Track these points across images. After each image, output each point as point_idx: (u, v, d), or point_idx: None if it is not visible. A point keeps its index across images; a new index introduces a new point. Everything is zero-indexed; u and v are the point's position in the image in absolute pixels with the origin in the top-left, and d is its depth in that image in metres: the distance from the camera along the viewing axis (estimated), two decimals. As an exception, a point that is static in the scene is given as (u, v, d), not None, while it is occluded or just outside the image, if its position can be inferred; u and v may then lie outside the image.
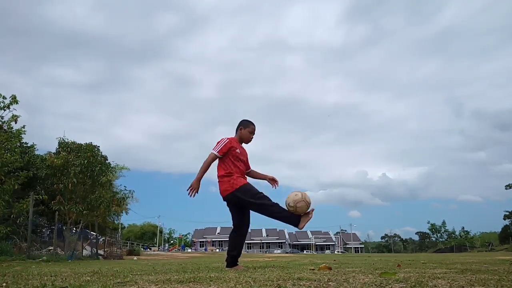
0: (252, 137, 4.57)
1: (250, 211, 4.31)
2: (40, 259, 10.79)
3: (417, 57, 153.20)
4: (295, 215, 3.98)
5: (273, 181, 4.58)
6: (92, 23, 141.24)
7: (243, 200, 4.10)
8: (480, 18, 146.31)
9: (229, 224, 4.51)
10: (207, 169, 4.24)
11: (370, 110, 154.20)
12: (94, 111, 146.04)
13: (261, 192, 4.09)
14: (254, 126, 4.55)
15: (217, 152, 4.26)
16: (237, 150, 4.35)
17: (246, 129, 4.50)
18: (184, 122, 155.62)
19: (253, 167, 4.64)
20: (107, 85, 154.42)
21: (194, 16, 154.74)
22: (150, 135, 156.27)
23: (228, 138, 4.38)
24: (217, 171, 4.34)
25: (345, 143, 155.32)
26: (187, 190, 4.10)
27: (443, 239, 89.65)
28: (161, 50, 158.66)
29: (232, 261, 4.39)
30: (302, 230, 3.39)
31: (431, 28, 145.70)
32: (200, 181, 4.12)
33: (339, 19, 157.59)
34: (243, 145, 4.60)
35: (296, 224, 4.04)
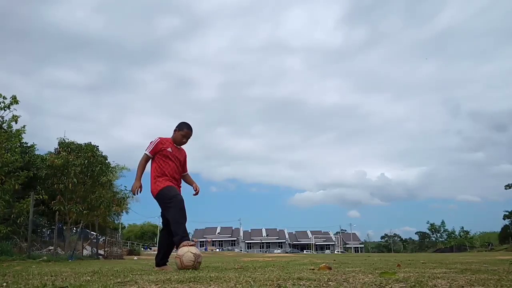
0: (185, 141, 4.54)
1: None
2: (41, 259, 10.79)
3: (416, 58, 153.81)
4: (179, 238, 3.98)
5: (195, 190, 4.60)
6: (93, 25, 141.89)
7: (159, 204, 4.24)
8: (477, 20, 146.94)
9: (229, 224, 4.58)
10: (143, 169, 4.37)
11: (369, 111, 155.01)
12: (95, 112, 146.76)
13: (173, 198, 4.10)
14: (189, 131, 4.51)
15: (149, 152, 4.35)
16: (168, 149, 4.39)
17: (179, 132, 4.48)
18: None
19: (254, 167, 4.64)
20: (108, 86, 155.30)
21: (195, 18, 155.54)
22: (151, 136, 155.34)
23: (159, 138, 4.43)
24: (150, 171, 4.39)
25: (344, 143, 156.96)
26: (130, 191, 4.48)
27: (443, 239, 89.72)
28: (162, 52, 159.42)
29: (160, 260, 4.46)
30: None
31: (429, 31, 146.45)
32: (140, 180, 4.29)
33: (338, 21, 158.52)
34: (185, 146, 4.64)
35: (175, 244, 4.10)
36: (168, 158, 4.36)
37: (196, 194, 4.58)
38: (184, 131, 4.46)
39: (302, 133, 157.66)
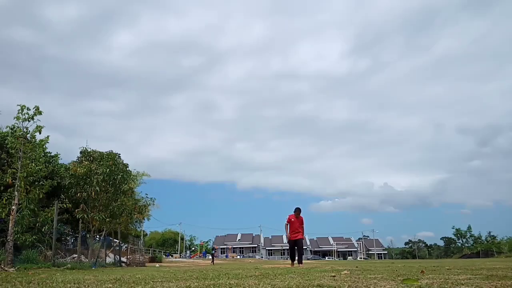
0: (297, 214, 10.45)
1: None
2: (65, 267, 10.99)
3: (415, 83, 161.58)
4: None
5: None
6: (127, 65, 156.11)
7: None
8: (471, 48, 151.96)
9: (250, 230, 4.58)
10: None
11: (379, 125, 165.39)
12: (125, 134, 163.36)
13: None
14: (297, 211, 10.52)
15: (286, 222, 10.03)
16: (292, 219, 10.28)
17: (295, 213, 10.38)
18: (206, 140, 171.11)
19: (273, 178, 4.66)
20: (137, 113, 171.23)
21: (215, 54, 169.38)
22: (175, 152, 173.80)
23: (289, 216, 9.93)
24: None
25: (358, 155, 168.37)
26: None
27: (469, 244, 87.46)
28: (186, 83, 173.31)
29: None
30: None
31: (426, 57, 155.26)
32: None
33: (343, 54, 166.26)
34: None
35: None
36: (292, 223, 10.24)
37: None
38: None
39: (317, 146, 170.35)
